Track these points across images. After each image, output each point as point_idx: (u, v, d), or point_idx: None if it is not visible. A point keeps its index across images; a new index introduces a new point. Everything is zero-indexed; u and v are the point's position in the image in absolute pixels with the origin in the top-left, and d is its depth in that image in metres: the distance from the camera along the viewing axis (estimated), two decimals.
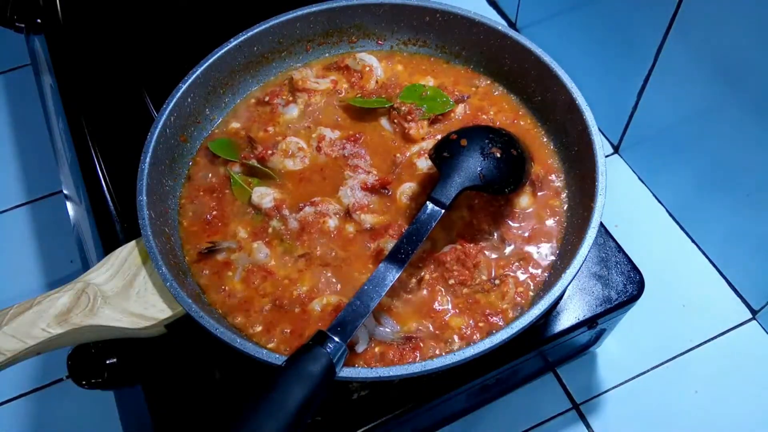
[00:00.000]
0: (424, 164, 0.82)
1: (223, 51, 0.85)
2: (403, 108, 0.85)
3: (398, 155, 0.83)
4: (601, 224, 0.72)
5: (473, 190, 0.71)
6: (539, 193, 0.79)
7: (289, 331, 0.71)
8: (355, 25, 0.92)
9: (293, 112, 0.88)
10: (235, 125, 0.88)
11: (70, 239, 1.08)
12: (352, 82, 0.91)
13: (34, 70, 1.20)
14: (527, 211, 0.78)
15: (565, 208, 0.78)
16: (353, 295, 0.64)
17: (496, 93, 0.89)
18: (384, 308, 0.71)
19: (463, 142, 0.73)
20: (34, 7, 1.13)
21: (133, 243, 0.74)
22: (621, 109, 1.08)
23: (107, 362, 0.71)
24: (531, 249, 0.75)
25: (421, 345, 0.69)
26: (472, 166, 0.71)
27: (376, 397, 0.71)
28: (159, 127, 0.79)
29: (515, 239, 0.76)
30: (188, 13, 1.11)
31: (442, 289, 0.72)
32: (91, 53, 1.06)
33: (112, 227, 0.86)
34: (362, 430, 0.69)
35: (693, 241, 1.05)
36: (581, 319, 0.75)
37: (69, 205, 1.04)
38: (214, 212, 0.80)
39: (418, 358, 0.68)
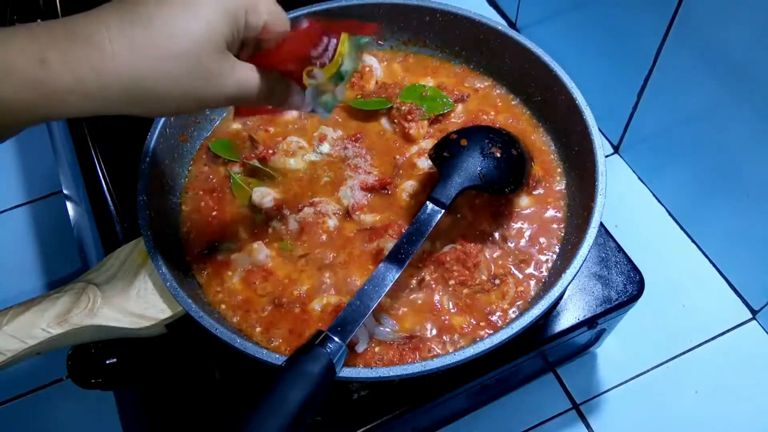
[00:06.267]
0: (424, 164, 0.82)
1: None
2: (403, 108, 0.85)
3: (398, 156, 0.83)
4: (601, 224, 0.72)
5: (473, 190, 0.71)
6: (539, 193, 0.79)
7: (289, 331, 0.71)
8: None
9: (293, 112, 0.88)
10: (235, 126, 0.88)
11: (70, 239, 1.08)
12: (352, 83, 0.91)
13: None
14: (527, 211, 0.78)
15: (565, 208, 0.78)
16: (353, 295, 0.64)
17: (496, 93, 0.89)
18: (384, 308, 0.71)
19: (463, 142, 0.73)
20: (34, 8, 1.13)
21: (133, 243, 0.74)
22: (621, 109, 1.08)
23: (107, 362, 0.71)
24: (531, 249, 0.75)
25: (421, 345, 0.69)
26: (472, 166, 0.71)
27: (376, 397, 0.71)
28: (159, 127, 0.79)
29: (515, 239, 0.76)
30: None
31: (442, 289, 0.72)
32: None
33: (112, 227, 0.86)
34: (362, 430, 0.69)
35: (693, 241, 1.05)
36: (581, 319, 0.75)
37: (69, 205, 1.04)
38: (214, 212, 0.80)
39: (418, 358, 0.68)
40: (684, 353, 0.95)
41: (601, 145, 0.73)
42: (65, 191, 1.06)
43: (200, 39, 0.49)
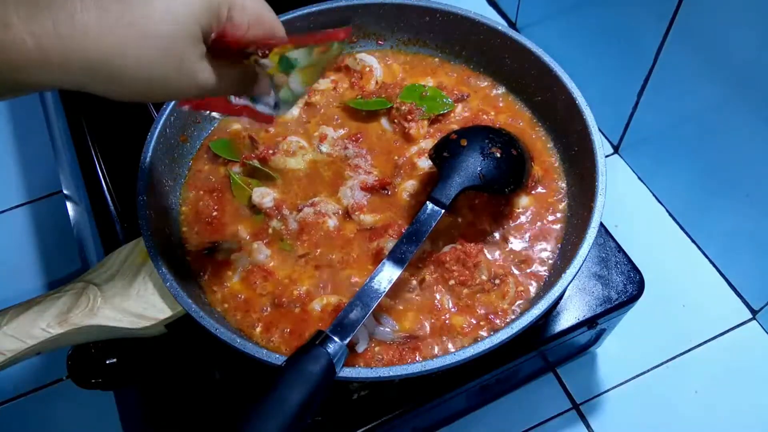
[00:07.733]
0: (424, 164, 0.82)
1: None
2: (403, 108, 0.85)
3: (398, 156, 0.83)
4: (601, 224, 0.72)
5: (473, 190, 0.71)
6: (539, 193, 0.79)
7: (289, 331, 0.71)
8: (355, 25, 0.92)
9: (294, 111, 0.88)
10: (236, 126, 0.88)
11: (70, 239, 1.08)
12: (352, 82, 0.91)
13: None
14: (527, 211, 0.78)
15: (565, 208, 0.78)
16: (353, 295, 0.64)
17: (496, 93, 0.89)
18: (384, 308, 0.71)
19: (463, 141, 0.73)
20: None
21: (133, 243, 0.74)
22: (621, 109, 1.08)
23: (107, 362, 0.71)
24: (531, 249, 0.75)
25: (421, 345, 0.69)
26: (472, 166, 0.71)
27: (376, 397, 0.71)
28: (159, 127, 0.79)
29: (515, 239, 0.76)
30: None
31: (443, 289, 0.72)
32: None
33: (112, 227, 0.86)
34: (362, 430, 0.69)
35: (693, 241, 1.05)
36: (581, 319, 0.75)
37: (69, 205, 1.04)
38: (214, 212, 0.80)
39: (418, 358, 0.68)
40: (684, 353, 0.95)
41: (601, 145, 0.73)
42: (65, 191, 1.06)
43: (178, 23, 0.47)
